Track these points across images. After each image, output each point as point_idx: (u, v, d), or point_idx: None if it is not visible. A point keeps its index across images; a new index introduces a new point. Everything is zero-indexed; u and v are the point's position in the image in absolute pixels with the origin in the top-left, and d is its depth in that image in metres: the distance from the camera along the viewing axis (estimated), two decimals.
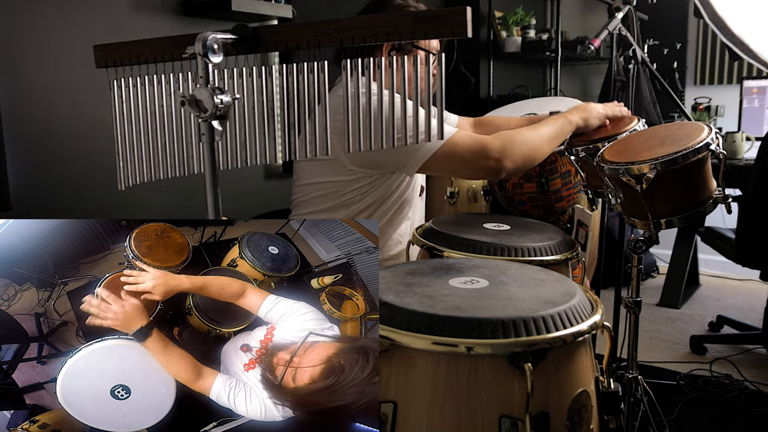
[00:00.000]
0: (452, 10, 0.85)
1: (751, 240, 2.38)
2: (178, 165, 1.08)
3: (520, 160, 1.43)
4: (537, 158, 1.47)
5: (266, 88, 0.98)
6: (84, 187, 1.93)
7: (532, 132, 1.47)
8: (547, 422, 0.84)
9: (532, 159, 1.46)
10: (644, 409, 1.59)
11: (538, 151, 1.46)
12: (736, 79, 3.84)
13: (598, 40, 2.08)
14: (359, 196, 1.53)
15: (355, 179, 1.50)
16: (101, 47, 1.10)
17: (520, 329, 0.83)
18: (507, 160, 1.41)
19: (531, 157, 1.46)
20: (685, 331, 2.95)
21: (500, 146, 1.41)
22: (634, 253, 1.38)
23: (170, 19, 2.12)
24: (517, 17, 3.67)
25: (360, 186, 1.51)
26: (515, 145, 1.42)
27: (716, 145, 1.28)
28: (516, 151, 1.42)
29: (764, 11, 2.78)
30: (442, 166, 1.45)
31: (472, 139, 1.43)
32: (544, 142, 1.47)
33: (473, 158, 1.41)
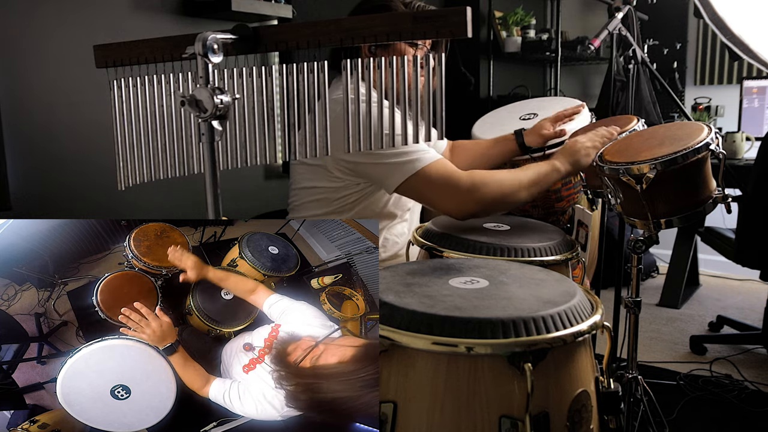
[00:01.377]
0: (452, 10, 0.85)
1: (751, 240, 2.38)
2: (178, 165, 1.08)
3: (489, 203, 1.38)
4: (509, 203, 1.42)
5: (266, 88, 0.98)
6: (84, 187, 1.93)
7: (509, 176, 1.42)
8: (547, 422, 0.84)
9: (504, 203, 1.41)
10: (644, 409, 1.59)
11: (511, 197, 1.40)
12: (736, 79, 3.84)
13: (598, 40, 2.08)
14: (350, 205, 1.52)
15: (342, 186, 1.49)
16: (101, 47, 1.10)
17: (520, 329, 0.83)
18: (474, 202, 1.37)
19: (502, 202, 1.40)
20: (685, 331, 2.95)
21: (470, 185, 1.37)
22: (634, 253, 1.38)
23: (170, 19, 2.12)
24: (517, 17, 3.68)
25: (348, 194, 1.50)
26: (486, 187, 1.37)
27: (716, 145, 1.28)
28: (486, 193, 1.37)
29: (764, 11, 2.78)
30: (416, 191, 1.42)
31: (447, 171, 1.39)
32: (521, 188, 1.41)
33: (444, 190, 1.38)
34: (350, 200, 1.51)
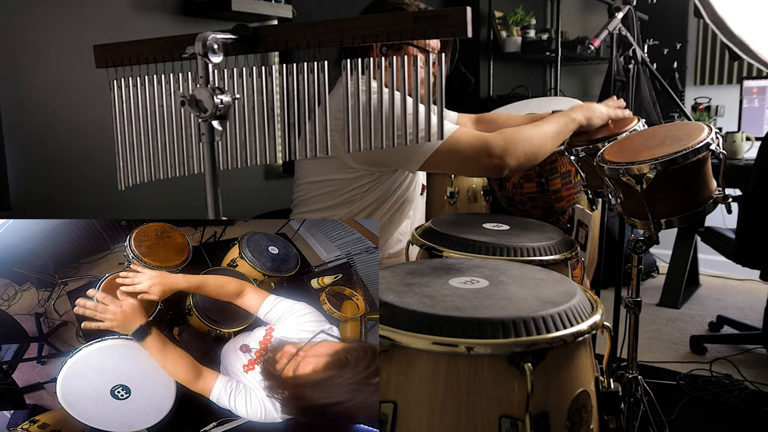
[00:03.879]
0: (452, 10, 0.85)
1: (751, 240, 2.38)
2: (178, 165, 1.08)
3: (523, 158, 1.43)
4: (540, 156, 1.47)
5: (266, 88, 0.98)
6: (84, 187, 1.93)
7: (535, 129, 1.47)
8: (547, 422, 0.84)
9: (535, 156, 1.46)
10: (644, 409, 1.59)
11: (541, 149, 1.46)
12: (736, 79, 3.84)
13: (598, 40, 2.08)
14: (361, 194, 1.53)
15: (357, 177, 1.51)
16: (101, 47, 1.10)
17: (520, 329, 0.83)
18: (509, 157, 1.41)
19: (534, 155, 1.45)
20: (685, 331, 2.95)
21: (503, 143, 1.41)
22: (634, 253, 1.38)
23: (170, 19, 2.12)
24: (517, 17, 3.67)
25: (362, 184, 1.51)
26: (518, 143, 1.42)
27: (716, 145, 1.27)
28: (519, 149, 1.42)
29: (764, 11, 2.78)
30: (444, 163, 1.45)
31: (474, 137, 1.42)
32: (547, 139, 1.47)
33: (475, 155, 1.41)
34: (362, 190, 1.52)
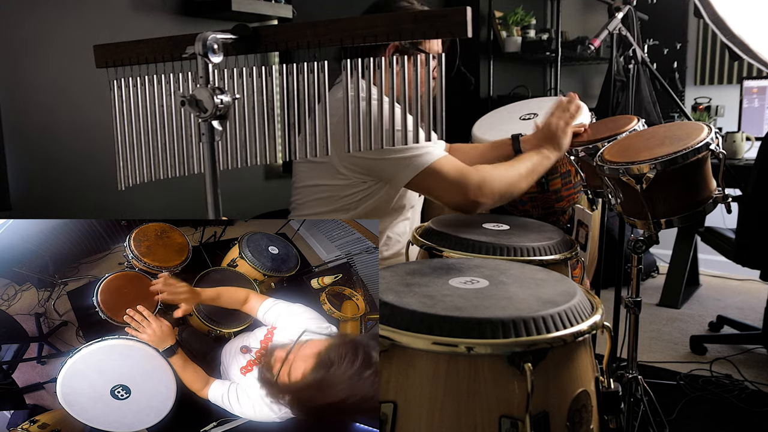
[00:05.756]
0: (452, 10, 0.85)
1: (750, 240, 2.38)
2: (178, 165, 1.08)
3: (497, 196, 1.47)
4: (513, 194, 1.50)
5: (266, 88, 0.97)
6: (84, 187, 1.93)
7: (510, 168, 1.50)
8: (547, 422, 0.84)
9: (509, 194, 1.50)
10: (644, 409, 1.59)
11: (514, 187, 1.49)
12: (736, 79, 3.84)
13: (598, 40, 2.08)
14: (354, 203, 1.52)
15: (349, 184, 1.50)
16: (101, 47, 1.10)
17: (520, 329, 0.83)
18: (483, 196, 1.44)
19: (508, 193, 1.49)
20: (685, 331, 2.95)
21: (479, 180, 1.44)
22: (634, 253, 1.38)
23: (170, 19, 2.12)
24: (517, 17, 3.68)
25: (355, 192, 1.51)
26: (493, 181, 1.45)
27: (716, 145, 1.28)
28: (494, 187, 1.45)
29: (764, 11, 2.78)
30: (425, 185, 1.48)
31: (457, 168, 1.45)
32: (521, 177, 1.50)
33: (453, 186, 1.44)
34: (356, 198, 1.52)
